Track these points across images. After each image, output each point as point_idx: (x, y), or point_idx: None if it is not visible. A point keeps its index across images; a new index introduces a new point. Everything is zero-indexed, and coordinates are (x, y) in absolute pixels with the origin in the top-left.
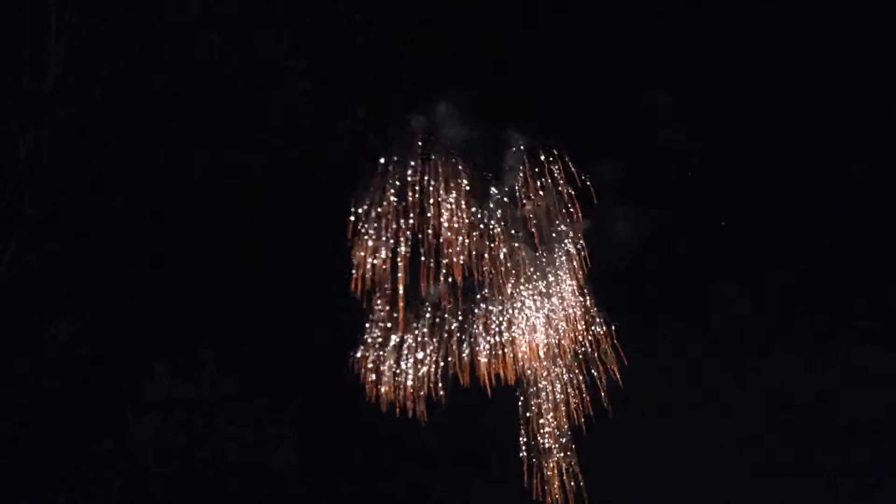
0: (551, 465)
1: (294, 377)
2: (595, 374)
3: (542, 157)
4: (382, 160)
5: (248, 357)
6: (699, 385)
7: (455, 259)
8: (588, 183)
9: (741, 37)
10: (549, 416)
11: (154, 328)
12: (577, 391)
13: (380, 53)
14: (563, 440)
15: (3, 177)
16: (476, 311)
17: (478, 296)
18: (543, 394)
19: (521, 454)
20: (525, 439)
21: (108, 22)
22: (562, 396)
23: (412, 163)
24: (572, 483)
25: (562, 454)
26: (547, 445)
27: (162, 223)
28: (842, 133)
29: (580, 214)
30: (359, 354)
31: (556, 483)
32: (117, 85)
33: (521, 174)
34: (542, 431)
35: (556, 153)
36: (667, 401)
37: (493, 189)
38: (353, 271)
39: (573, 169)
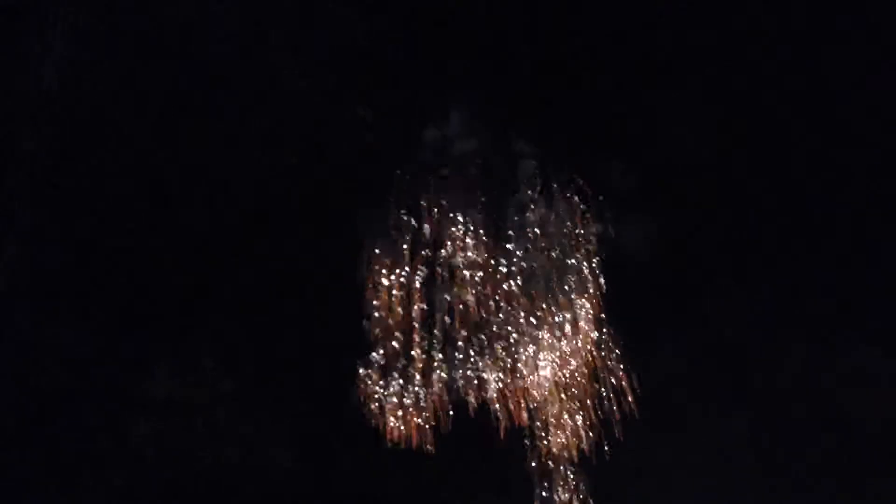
0: (558, 480)
1: (295, 380)
2: (607, 402)
3: (556, 177)
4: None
5: (249, 357)
6: (700, 386)
7: (469, 289)
8: (600, 197)
9: (742, 37)
10: (556, 436)
11: (154, 328)
12: (587, 417)
13: (383, 53)
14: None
15: (3, 177)
16: (488, 341)
17: (493, 326)
18: (551, 413)
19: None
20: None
21: (109, 21)
22: (570, 425)
23: (426, 180)
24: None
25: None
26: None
27: (163, 224)
28: (846, 132)
29: (596, 239)
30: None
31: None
32: (118, 84)
33: (535, 190)
34: (548, 448)
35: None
36: (668, 401)
37: (510, 209)
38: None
39: (584, 185)
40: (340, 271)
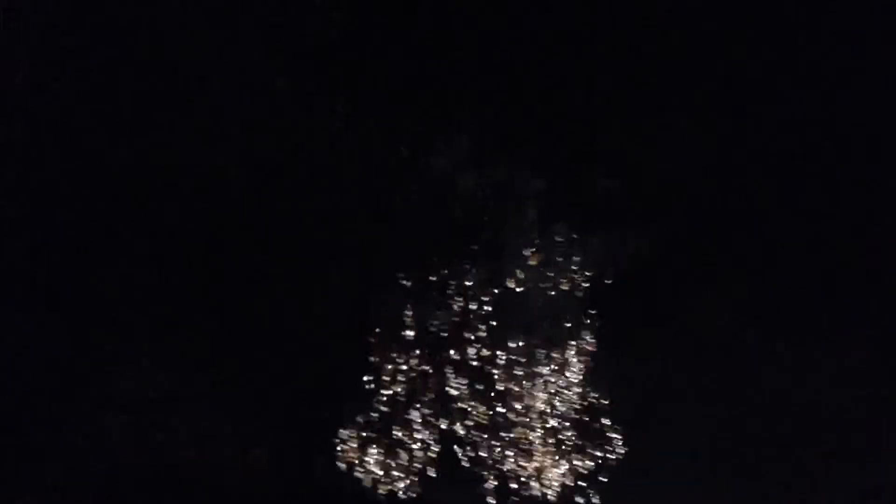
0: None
1: (276, 377)
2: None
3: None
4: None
5: (229, 354)
6: (696, 388)
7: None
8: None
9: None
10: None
11: (131, 324)
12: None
13: (358, 49)
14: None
15: None
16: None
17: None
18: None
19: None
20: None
21: (82, 17)
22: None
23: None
24: None
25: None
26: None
27: (140, 219)
28: (839, 133)
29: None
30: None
31: None
32: (93, 80)
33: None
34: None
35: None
36: (662, 405)
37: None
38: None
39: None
40: (322, 268)
